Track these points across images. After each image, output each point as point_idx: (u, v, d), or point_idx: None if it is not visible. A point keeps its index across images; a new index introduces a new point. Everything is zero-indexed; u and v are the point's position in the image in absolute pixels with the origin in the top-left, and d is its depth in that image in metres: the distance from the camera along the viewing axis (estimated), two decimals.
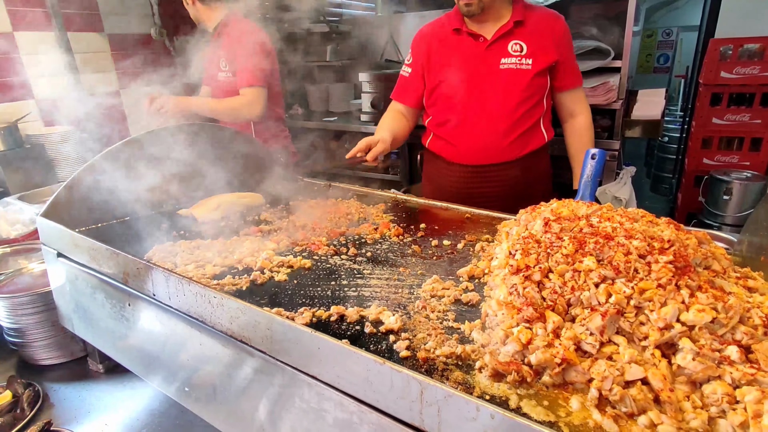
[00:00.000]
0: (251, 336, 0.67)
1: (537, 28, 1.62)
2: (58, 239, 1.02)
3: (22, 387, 1.08)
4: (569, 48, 1.70)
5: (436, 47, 1.72)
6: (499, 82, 1.62)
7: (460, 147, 1.70)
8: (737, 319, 0.55)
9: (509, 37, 1.62)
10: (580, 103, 1.76)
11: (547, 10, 1.70)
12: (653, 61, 8.98)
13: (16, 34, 2.76)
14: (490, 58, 1.62)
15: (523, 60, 1.60)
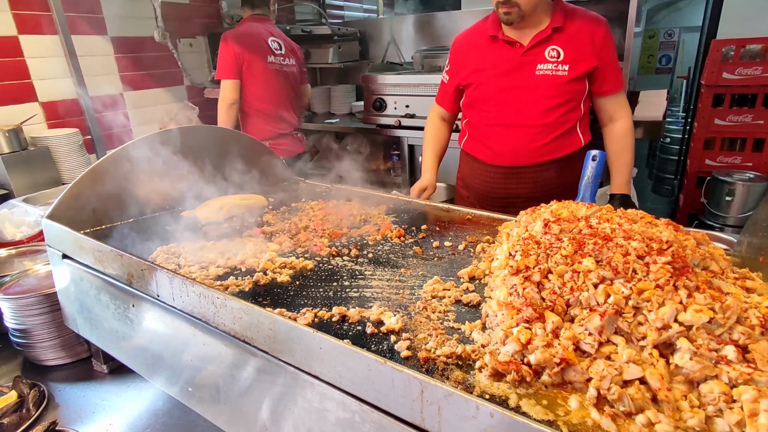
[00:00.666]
0: (254, 336, 0.68)
1: (577, 33, 1.61)
2: (63, 241, 1.04)
3: (28, 387, 1.09)
4: (610, 53, 1.67)
5: (473, 54, 1.74)
6: (534, 88, 1.63)
7: (495, 149, 1.73)
8: (734, 319, 0.55)
9: (547, 43, 1.61)
10: (621, 108, 1.73)
11: (590, 14, 1.68)
12: (655, 61, 8.98)
13: (21, 38, 2.78)
14: (527, 63, 1.63)
15: (559, 66, 1.61)
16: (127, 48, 3.38)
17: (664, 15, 8.59)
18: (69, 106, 3.06)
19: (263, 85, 2.85)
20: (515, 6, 1.53)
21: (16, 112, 2.80)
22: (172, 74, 3.72)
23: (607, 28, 1.63)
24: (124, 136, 3.45)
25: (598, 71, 1.63)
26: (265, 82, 2.86)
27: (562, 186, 1.71)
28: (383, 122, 3.33)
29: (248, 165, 1.48)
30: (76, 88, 3.04)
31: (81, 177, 1.14)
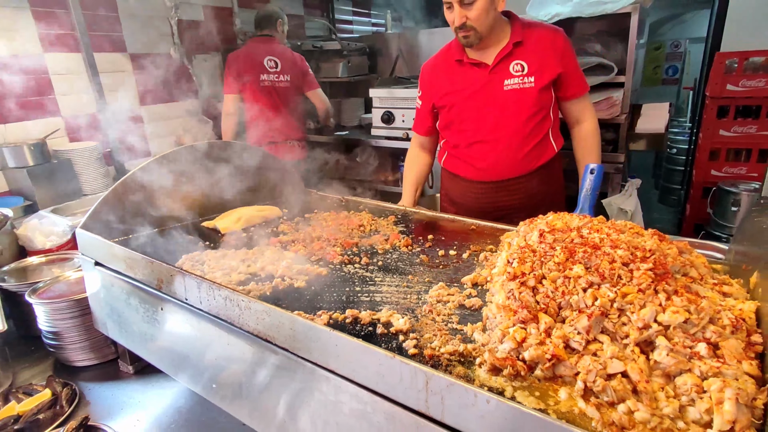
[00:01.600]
0: (275, 335, 0.75)
1: (537, 45, 1.69)
2: (96, 249, 1.12)
3: (60, 386, 1.17)
4: (572, 59, 1.76)
5: (442, 78, 1.82)
6: (505, 103, 1.70)
7: (477, 166, 1.79)
8: (707, 319, 0.61)
9: (510, 58, 1.70)
10: (586, 110, 1.82)
11: (546, 25, 1.77)
12: (662, 72, 9.02)
13: (47, 56, 2.92)
14: (494, 81, 1.71)
15: (525, 79, 1.68)
16: (145, 64, 3.51)
17: (670, 26, 8.65)
18: (89, 121, 3.19)
19: (256, 100, 3.21)
20: (471, 29, 1.63)
21: (40, 127, 2.93)
22: (187, 89, 3.85)
23: (565, 36, 1.73)
24: (140, 149, 3.57)
25: (562, 78, 1.72)
26: (257, 97, 3.21)
27: (548, 192, 1.80)
28: (391, 134, 3.42)
29: (263, 178, 1.57)
30: (97, 103, 3.16)
31: (111, 190, 1.22)
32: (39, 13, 2.87)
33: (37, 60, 2.90)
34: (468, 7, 1.59)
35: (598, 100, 2.64)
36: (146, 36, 3.51)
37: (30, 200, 2.65)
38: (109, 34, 3.27)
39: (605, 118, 2.71)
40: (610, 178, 2.87)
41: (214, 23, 3.99)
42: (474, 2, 1.57)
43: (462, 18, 1.60)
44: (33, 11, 2.84)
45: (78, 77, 3.09)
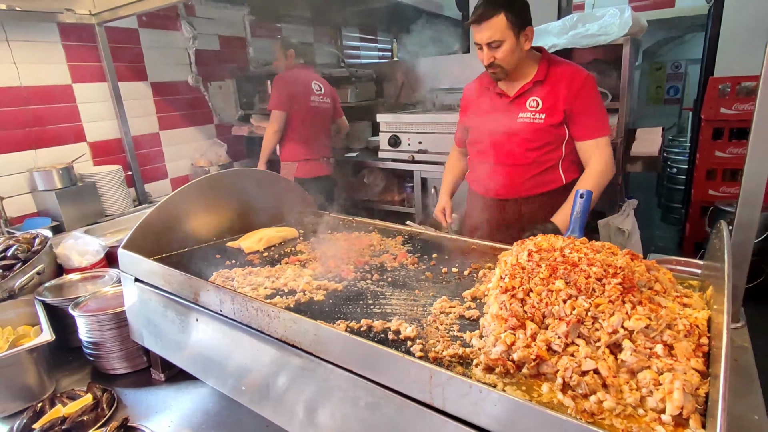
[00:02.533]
0: (301, 341, 0.88)
1: (555, 84, 1.83)
2: (136, 267, 1.26)
3: (100, 391, 1.29)
4: (586, 101, 1.83)
5: (474, 101, 2.07)
6: (516, 132, 1.89)
7: (485, 183, 2.02)
8: (665, 325, 0.73)
9: (528, 94, 1.88)
10: (594, 154, 1.86)
11: (571, 66, 1.89)
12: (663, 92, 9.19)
13: (75, 86, 3.13)
14: (512, 112, 1.90)
15: (537, 115, 1.86)
16: (164, 91, 3.72)
17: (670, 48, 8.86)
18: (113, 145, 3.38)
19: (303, 119, 3.44)
20: (498, 67, 1.83)
21: (67, 152, 3.12)
22: (202, 114, 4.06)
23: (586, 78, 1.83)
24: (159, 172, 3.75)
25: (573, 117, 1.83)
26: (305, 117, 3.45)
27: (542, 218, 1.91)
28: (398, 157, 3.57)
29: (281, 201, 1.71)
30: (120, 128, 3.36)
31: (149, 214, 1.37)
32: (70, 47, 3.09)
33: (66, 90, 3.10)
34: (495, 49, 1.78)
35: None
36: (166, 65, 3.73)
37: (57, 221, 2.82)
38: (132, 64, 3.49)
39: None
40: (608, 199, 2.99)
41: (229, 52, 4.22)
42: (500, 46, 1.77)
43: (490, 58, 1.81)
44: (64, 45, 3.06)
45: (103, 105, 3.30)
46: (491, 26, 1.74)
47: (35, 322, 1.51)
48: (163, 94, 3.68)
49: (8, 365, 1.25)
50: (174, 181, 3.84)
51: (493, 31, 1.74)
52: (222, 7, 4.03)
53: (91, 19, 2.95)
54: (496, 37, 1.75)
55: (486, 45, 1.78)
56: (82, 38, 3.07)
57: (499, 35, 1.75)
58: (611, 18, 2.67)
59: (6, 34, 2.74)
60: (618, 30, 2.60)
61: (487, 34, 1.75)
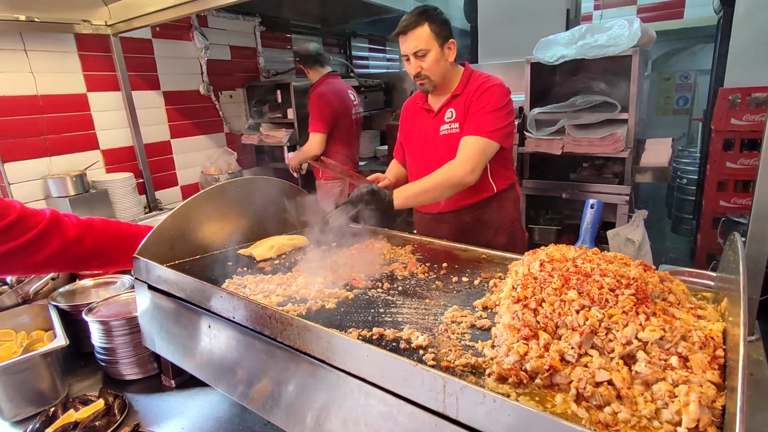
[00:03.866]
0: (314, 348, 0.88)
1: (469, 95, 1.91)
2: (149, 273, 1.27)
3: (112, 397, 1.30)
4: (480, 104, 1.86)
5: (408, 118, 2.14)
6: (439, 146, 1.96)
7: None
8: (679, 337, 0.73)
9: (447, 107, 1.96)
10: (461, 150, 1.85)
11: (485, 76, 1.94)
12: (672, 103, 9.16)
13: (89, 95, 3.19)
14: (434, 126, 1.98)
15: (452, 125, 1.93)
16: (176, 100, 3.78)
17: (679, 58, 8.85)
18: (125, 153, 3.44)
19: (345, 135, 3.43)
20: (425, 78, 1.89)
21: (80, 159, 3.17)
22: (213, 123, 4.11)
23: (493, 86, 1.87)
24: (169, 179, 3.80)
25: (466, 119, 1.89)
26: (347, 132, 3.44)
27: (477, 227, 2.01)
28: None
29: (292, 210, 1.72)
30: (133, 137, 3.41)
31: (163, 221, 1.38)
32: (85, 57, 3.15)
33: (81, 99, 3.16)
34: (421, 59, 1.86)
35: (603, 136, 2.79)
36: (178, 75, 3.79)
37: None
38: (145, 73, 3.55)
39: (610, 153, 2.84)
40: (617, 209, 2.98)
41: (240, 61, 4.28)
42: (425, 55, 1.85)
43: (417, 68, 1.88)
44: (80, 55, 3.13)
45: (116, 113, 3.36)
46: (416, 36, 1.83)
47: (49, 327, 1.52)
48: (175, 103, 3.74)
49: (22, 370, 1.26)
50: (184, 188, 3.89)
51: (418, 40, 1.83)
52: (233, 17, 4.10)
53: (106, 30, 3.02)
54: (421, 46, 1.83)
55: (412, 55, 1.86)
56: (98, 48, 3.14)
57: (424, 44, 1.83)
58: (620, 29, 2.68)
59: (24, 44, 2.80)
60: (627, 41, 2.61)
61: (413, 43, 1.84)
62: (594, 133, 2.80)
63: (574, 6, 3.97)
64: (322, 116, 3.31)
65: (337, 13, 4.38)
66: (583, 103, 2.87)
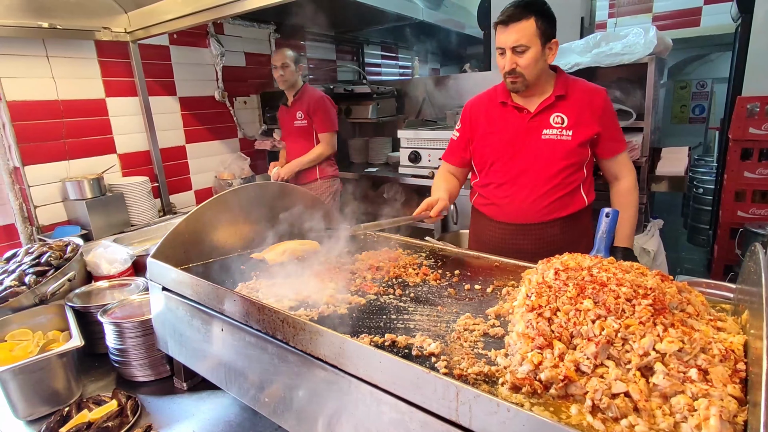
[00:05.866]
0: (326, 353, 0.88)
1: (578, 101, 1.80)
2: (164, 276, 1.29)
3: (125, 398, 1.31)
4: (611, 119, 1.84)
5: (483, 117, 1.94)
6: (540, 151, 1.80)
7: (502, 207, 1.88)
8: (699, 349, 0.72)
9: (551, 110, 1.80)
10: (624, 167, 1.87)
11: (589, 84, 1.87)
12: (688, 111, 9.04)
13: (108, 100, 3.25)
14: (533, 128, 1.81)
15: (563, 131, 1.78)
16: (191, 106, 3.84)
17: (696, 66, 8.74)
18: (141, 157, 3.49)
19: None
20: (519, 76, 1.74)
21: (98, 163, 3.23)
22: (227, 128, 4.16)
23: (605, 96, 1.82)
24: (183, 183, 3.85)
25: (600, 136, 1.80)
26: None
27: (566, 241, 1.82)
28: (418, 173, 3.59)
29: (304, 215, 1.73)
30: (149, 141, 3.46)
31: (177, 225, 1.40)
32: (105, 63, 3.22)
33: (100, 104, 3.23)
34: (519, 54, 1.70)
35: None
36: (194, 81, 3.85)
37: (86, 229, 2.90)
38: (162, 79, 3.61)
39: None
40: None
41: (254, 68, 4.33)
42: (525, 51, 1.69)
43: (512, 64, 1.72)
44: (100, 61, 3.19)
45: (134, 118, 3.42)
46: (519, 29, 1.67)
47: (64, 328, 1.55)
48: (191, 109, 3.80)
49: (39, 369, 1.28)
50: (198, 193, 3.93)
51: (520, 34, 1.67)
52: (249, 25, 4.16)
53: (126, 37, 3.08)
54: (523, 41, 1.68)
55: (510, 49, 1.70)
56: (117, 55, 3.21)
57: (526, 40, 1.68)
58: (636, 37, 2.66)
59: (47, 51, 2.88)
60: (642, 49, 2.58)
61: (514, 37, 1.68)
62: None
63: (588, 14, 3.96)
64: (333, 116, 3.46)
65: (351, 20, 4.41)
66: None
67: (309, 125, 3.46)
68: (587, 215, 1.96)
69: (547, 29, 1.72)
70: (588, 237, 2.00)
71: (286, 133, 3.63)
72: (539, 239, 1.86)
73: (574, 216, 1.85)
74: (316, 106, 3.41)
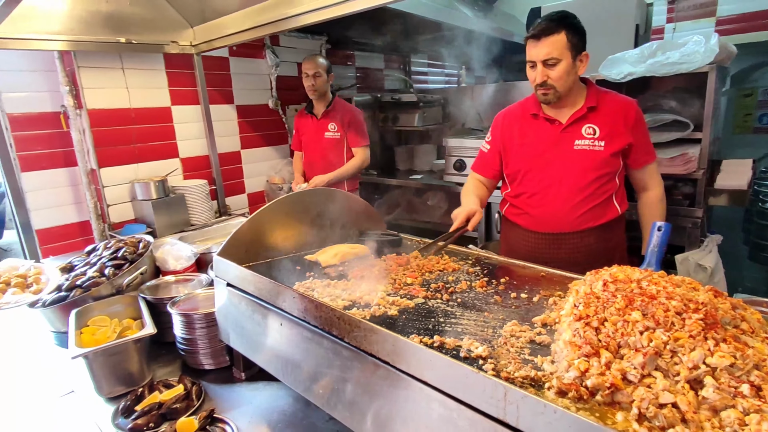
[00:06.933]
0: (380, 350, 0.95)
1: (609, 113, 1.83)
2: (229, 272, 1.40)
3: (190, 383, 1.43)
4: (642, 130, 1.88)
5: (515, 129, 1.98)
6: (572, 161, 1.83)
7: (535, 216, 1.92)
8: (752, 365, 0.72)
9: (583, 121, 1.84)
10: (652, 178, 1.92)
11: (620, 96, 1.90)
12: (752, 120, 8.48)
13: (173, 108, 3.50)
14: (565, 139, 1.85)
15: (595, 142, 1.81)
16: (247, 114, 4.05)
17: (762, 72, 8.20)
18: (201, 161, 3.72)
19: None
20: (551, 88, 1.78)
21: (162, 166, 3.47)
22: (278, 135, 4.35)
23: (637, 108, 1.84)
24: (237, 187, 4.06)
25: (632, 147, 1.82)
26: None
27: (600, 250, 1.84)
28: (462, 181, 3.60)
29: (355, 220, 1.81)
30: (208, 146, 3.69)
31: (241, 226, 1.52)
32: (172, 74, 3.47)
33: (166, 111, 3.48)
34: (551, 67, 1.76)
35: (674, 156, 2.67)
36: (250, 90, 4.06)
37: (150, 228, 3.13)
38: (221, 89, 3.84)
39: (681, 174, 2.71)
40: (687, 233, 2.83)
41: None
42: (556, 64, 1.75)
43: (543, 76, 1.77)
44: (167, 72, 3.45)
45: (195, 125, 3.65)
46: (550, 43, 1.72)
47: (137, 316, 1.70)
48: (246, 116, 4.01)
49: (117, 353, 1.43)
50: (250, 196, 4.14)
51: (551, 48, 1.72)
52: (302, 37, 4.34)
53: (191, 50, 3.32)
54: (554, 54, 1.73)
55: (541, 62, 1.76)
56: (182, 66, 3.45)
57: (557, 53, 1.73)
58: (695, 46, 2.57)
59: (122, 63, 3.15)
60: (702, 58, 2.49)
61: (545, 50, 1.73)
62: (663, 152, 2.68)
63: (644, 20, 3.84)
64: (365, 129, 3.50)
65: (400, 30, 4.51)
66: (652, 122, 2.77)
67: (342, 138, 3.46)
68: (621, 224, 1.97)
69: (578, 42, 1.77)
70: (622, 246, 1.99)
71: (311, 143, 3.57)
72: (573, 248, 1.88)
73: (607, 225, 1.87)
74: (352, 119, 3.45)
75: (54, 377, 1.59)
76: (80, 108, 3.00)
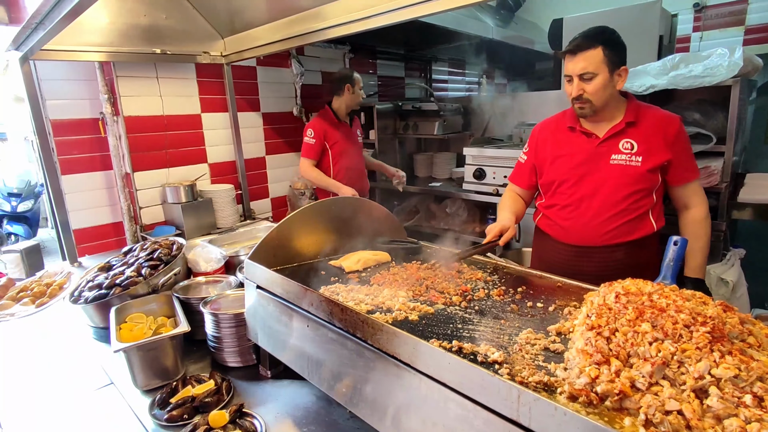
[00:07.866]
0: (401, 352, 1.01)
1: (650, 128, 1.81)
2: (259, 275, 1.49)
3: (220, 379, 1.52)
4: (684, 147, 1.84)
5: (551, 141, 1.99)
6: (607, 175, 1.82)
7: (566, 228, 1.92)
8: (755, 377, 0.76)
9: (621, 136, 1.83)
10: (695, 196, 1.87)
11: (662, 111, 1.88)
12: None
13: (203, 115, 3.65)
14: (602, 153, 1.84)
15: (633, 157, 1.79)
16: (272, 121, 4.17)
17: None
18: (228, 167, 3.85)
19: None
20: (587, 102, 1.78)
21: (191, 171, 3.62)
22: (301, 142, 4.46)
23: (680, 124, 1.81)
24: (262, 192, 4.18)
25: (672, 164, 1.79)
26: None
27: (630, 266, 1.81)
28: (482, 189, 3.65)
29: (377, 228, 1.88)
30: (235, 152, 3.82)
31: (270, 232, 1.60)
32: (202, 83, 3.62)
33: (196, 118, 3.63)
34: (587, 81, 1.77)
35: None
36: (276, 98, 4.19)
37: (180, 230, 3.27)
38: (249, 97, 3.98)
39: (703, 187, 2.70)
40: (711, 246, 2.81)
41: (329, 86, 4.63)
42: (592, 78, 1.76)
43: (579, 90, 1.79)
44: (198, 81, 3.60)
45: (223, 132, 3.79)
46: (587, 58, 1.73)
47: (171, 314, 1.81)
48: (271, 123, 4.14)
49: (154, 348, 1.53)
50: (274, 200, 4.26)
51: (587, 62, 1.73)
52: (326, 46, 4.47)
53: (221, 60, 3.46)
54: (590, 69, 1.74)
55: (577, 77, 1.77)
56: (212, 75, 3.61)
57: (593, 68, 1.74)
58: (719, 59, 2.57)
59: (157, 72, 3.31)
60: (726, 72, 2.49)
61: (581, 65, 1.74)
62: None
63: (668, 31, 3.83)
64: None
65: (421, 39, 4.59)
66: None
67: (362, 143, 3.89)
68: (655, 241, 1.93)
69: (615, 57, 1.76)
70: (655, 263, 1.98)
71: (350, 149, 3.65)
72: (602, 263, 1.87)
73: (640, 241, 1.85)
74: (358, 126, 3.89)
75: (92, 370, 1.70)
76: (117, 115, 3.16)
